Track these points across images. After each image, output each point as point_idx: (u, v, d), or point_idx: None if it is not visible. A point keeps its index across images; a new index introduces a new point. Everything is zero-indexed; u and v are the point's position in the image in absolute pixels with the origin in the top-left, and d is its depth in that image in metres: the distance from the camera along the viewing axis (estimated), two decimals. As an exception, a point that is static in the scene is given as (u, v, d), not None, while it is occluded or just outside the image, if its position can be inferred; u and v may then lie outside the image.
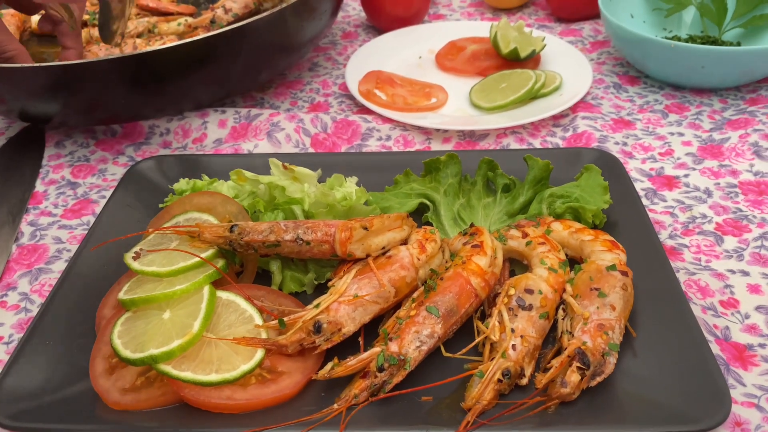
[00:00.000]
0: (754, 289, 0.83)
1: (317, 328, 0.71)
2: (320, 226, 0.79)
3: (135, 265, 0.78)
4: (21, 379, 0.71)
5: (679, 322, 0.73)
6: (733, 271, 0.86)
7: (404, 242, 0.82)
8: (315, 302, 0.74)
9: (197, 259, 0.78)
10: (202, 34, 1.05)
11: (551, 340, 0.75)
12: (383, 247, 0.80)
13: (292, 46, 1.21)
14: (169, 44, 1.01)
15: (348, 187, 0.92)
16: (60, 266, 0.92)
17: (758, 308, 0.80)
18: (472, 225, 0.85)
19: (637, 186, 1.01)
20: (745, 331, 0.78)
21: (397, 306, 0.77)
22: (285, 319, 0.72)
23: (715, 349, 0.75)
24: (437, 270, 0.79)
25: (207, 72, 1.09)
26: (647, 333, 0.73)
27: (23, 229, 1.00)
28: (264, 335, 0.72)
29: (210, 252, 0.79)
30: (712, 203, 0.97)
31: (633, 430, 0.63)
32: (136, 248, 0.82)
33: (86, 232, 0.94)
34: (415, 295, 0.76)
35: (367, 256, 0.79)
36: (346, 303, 0.73)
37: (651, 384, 0.68)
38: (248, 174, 0.91)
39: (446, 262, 0.81)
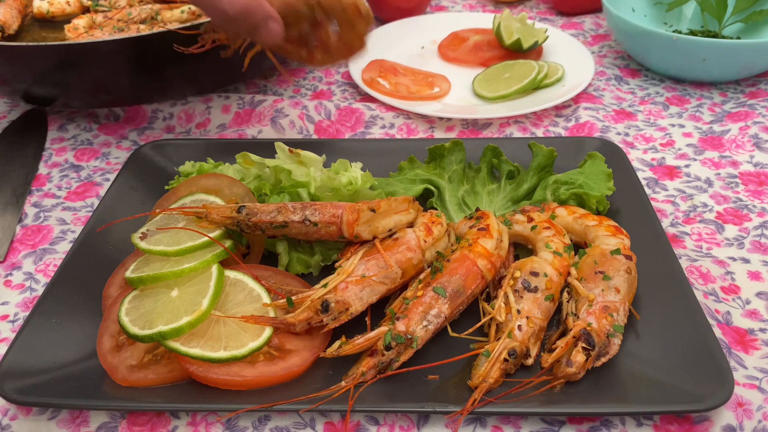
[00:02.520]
0: (755, 275, 0.84)
1: (325, 307, 0.71)
2: (328, 208, 0.79)
3: (142, 244, 0.78)
4: (28, 354, 0.71)
5: (682, 305, 0.74)
6: (733, 259, 0.87)
7: (410, 225, 0.82)
8: (323, 282, 0.75)
9: (204, 239, 0.78)
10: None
11: (555, 323, 0.76)
12: (390, 230, 0.80)
13: (296, 33, 1.21)
14: (174, 27, 1.00)
15: (353, 172, 0.92)
16: (64, 247, 0.92)
17: (759, 294, 0.81)
18: (477, 209, 0.85)
19: (639, 175, 1.02)
20: (746, 317, 0.79)
21: (404, 287, 0.78)
22: (293, 297, 0.73)
23: (716, 333, 0.76)
24: (443, 252, 0.80)
25: (211, 56, 1.08)
26: (651, 315, 0.74)
27: (27, 211, 0.99)
28: (272, 314, 0.73)
29: (217, 232, 0.80)
30: (713, 192, 0.98)
31: (637, 408, 0.64)
32: (143, 229, 0.82)
33: (90, 214, 0.94)
34: (421, 276, 0.77)
35: (374, 238, 0.80)
36: (354, 283, 0.73)
37: (655, 364, 0.69)
38: (254, 157, 0.92)
39: (452, 245, 0.82)
